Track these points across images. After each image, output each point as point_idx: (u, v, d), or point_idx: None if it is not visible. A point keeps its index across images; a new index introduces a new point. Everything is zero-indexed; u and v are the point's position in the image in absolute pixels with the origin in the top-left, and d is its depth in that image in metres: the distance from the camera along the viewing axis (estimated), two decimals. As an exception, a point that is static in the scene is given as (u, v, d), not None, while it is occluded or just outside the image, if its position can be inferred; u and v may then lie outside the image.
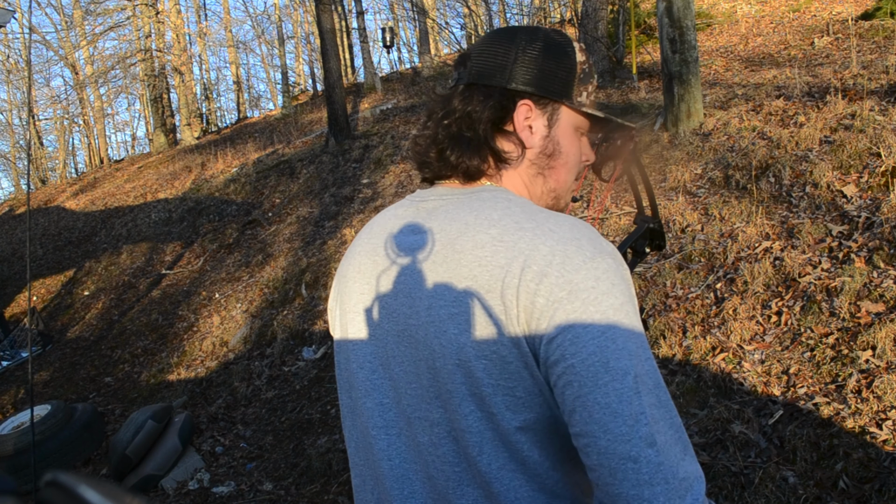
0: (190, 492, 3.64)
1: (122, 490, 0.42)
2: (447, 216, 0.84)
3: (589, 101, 0.92)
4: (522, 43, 0.89)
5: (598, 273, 0.73)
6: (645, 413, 0.69)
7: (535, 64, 0.88)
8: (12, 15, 6.74)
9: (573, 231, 0.77)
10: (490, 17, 12.66)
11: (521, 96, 0.88)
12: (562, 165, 0.91)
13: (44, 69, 23.88)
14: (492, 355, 0.75)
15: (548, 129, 0.90)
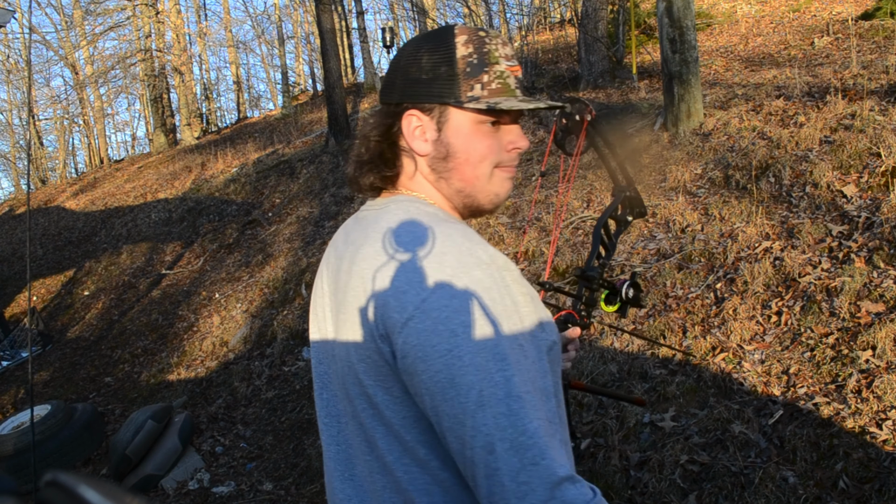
0: (190, 492, 3.64)
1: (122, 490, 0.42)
2: (357, 229, 0.93)
3: (488, 92, 0.89)
4: (401, 55, 0.93)
5: (453, 291, 0.76)
6: (487, 424, 0.74)
7: (409, 73, 0.91)
8: (12, 15, 6.74)
9: (443, 246, 0.80)
10: (490, 17, 12.66)
11: (406, 108, 0.91)
12: (461, 164, 0.92)
13: (44, 69, 23.88)
14: (367, 359, 0.83)
15: (437, 134, 0.91)
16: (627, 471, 2.58)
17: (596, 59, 8.53)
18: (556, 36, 12.89)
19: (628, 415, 2.84)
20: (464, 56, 0.89)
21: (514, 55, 0.94)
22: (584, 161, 5.99)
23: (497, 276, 0.79)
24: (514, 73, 0.92)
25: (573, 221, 4.83)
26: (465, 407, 0.75)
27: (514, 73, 0.92)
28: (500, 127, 0.93)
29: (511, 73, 0.91)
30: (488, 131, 0.91)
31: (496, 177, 0.94)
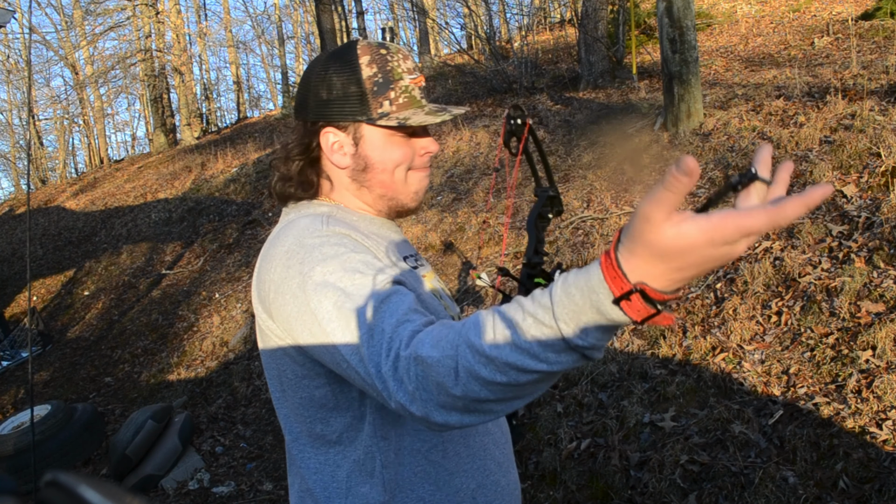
0: (190, 492, 3.64)
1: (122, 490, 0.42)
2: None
3: (396, 107, 0.97)
4: (310, 75, 1.00)
5: (287, 262, 0.88)
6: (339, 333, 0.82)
7: (320, 94, 0.97)
8: (12, 15, 6.74)
9: (286, 242, 0.91)
10: (490, 16, 12.65)
11: (322, 126, 0.99)
12: (380, 173, 1.00)
13: (44, 69, 23.88)
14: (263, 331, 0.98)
15: (354, 148, 0.99)
16: (627, 471, 2.58)
17: (596, 59, 8.53)
18: (556, 36, 12.88)
19: (628, 415, 2.85)
20: (369, 76, 0.96)
21: (416, 67, 1.02)
22: (584, 161, 5.99)
23: (329, 239, 0.88)
24: (418, 84, 1.00)
25: (573, 221, 4.83)
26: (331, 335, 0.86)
27: (418, 85, 1.00)
28: (413, 137, 1.02)
29: (415, 86, 0.99)
30: (401, 141, 1.00)
31: (411, 178, 1.03)
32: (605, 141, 6.18)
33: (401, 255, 1.03)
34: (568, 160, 6.23)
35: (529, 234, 1.49)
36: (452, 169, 7.34)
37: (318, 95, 0.98)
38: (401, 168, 1.01)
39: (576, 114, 7.59)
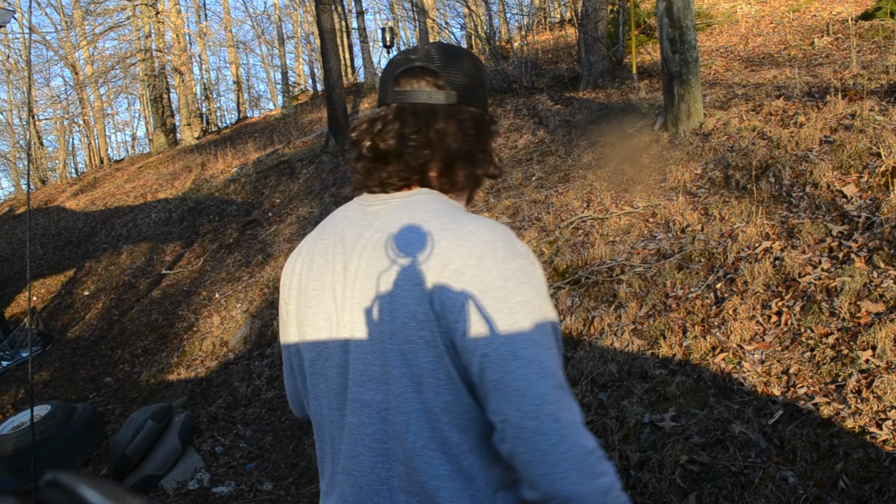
0: (190, 492, 3.64)
1: (122, 490, 0.42)
2: (388, 217, 0.94)
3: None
4: (471, 64, 1.03)
5: (507, 273, 0.84)
6: (549, 394, 0.82)
7: (472, 79, 1.02)
8: (12, 15, 6.74)
9: (490, 234, 0.88)
10: (490, 16, 12.65)
11: (477, 108, 1.04)
12: (486, 164, 1.07)
13: (44, 69, 23.87)
14: (419, 340, 0.86)
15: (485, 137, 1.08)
16: (627, 471, 2.58)
17: (596, 59, 8.53)
18: (556, 36, 12.88)
19: (628, 415, 2.85)
20: (488, 80, 1.06)
21: None
22: (584, 161, 5.99)
23: (532, 266, 0.88)
24: None
25: (573, 221, 4.83)
26: (527, 378, 0.82)
27: None
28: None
29: None
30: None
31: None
32: (605, 141, 6.18)
33: None
34: (568, 160, 6.23)
35: None
36: (452, 169, 7.33)
37: (473, 80, 1.03)
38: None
39: (576, 114, 7.59)
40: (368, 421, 0.91)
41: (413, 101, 0.98)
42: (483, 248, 0.86)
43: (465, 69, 1.01)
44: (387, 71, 1.03)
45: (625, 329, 3.43)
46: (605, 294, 3.81)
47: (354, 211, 1.01)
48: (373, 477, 0.91)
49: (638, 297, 3.64)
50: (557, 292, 4.03)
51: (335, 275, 0.96)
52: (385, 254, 0.90)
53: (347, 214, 1.01)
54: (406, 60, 1.00)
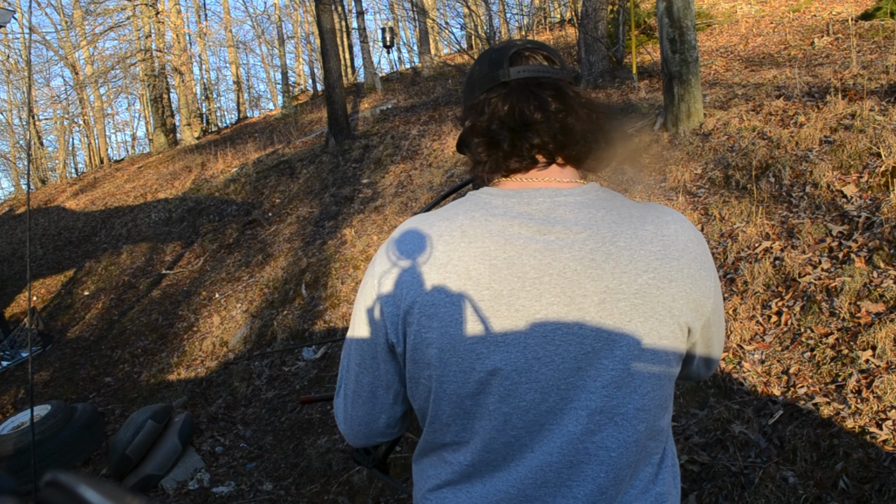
0: (190, 492, 3.64)
1: (122, 490, 0.42)
2: (583, 216, 0.88)
3: None
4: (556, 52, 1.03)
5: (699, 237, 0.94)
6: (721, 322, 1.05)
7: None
8: (12, 15, 6.74)
9: (673, 213, 0.94)
10: (490, 16, 12.65)
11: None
12: None
13: (44, 69, 23.87)
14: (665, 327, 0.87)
15: None
16: (627, 471, 2.58)
17: (596, 59, 8.53)
18: (556, 36, 12.88)
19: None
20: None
21: None
22: (584, 161, 5.99)
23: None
24: None
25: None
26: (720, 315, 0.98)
27: None
28: None
29: None
30: None
31: None
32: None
33: None
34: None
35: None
36: (453, 169, 7.34)
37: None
38: None
39: (576, 114, 7.58)
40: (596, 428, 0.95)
41: (539, 75, 0.94)
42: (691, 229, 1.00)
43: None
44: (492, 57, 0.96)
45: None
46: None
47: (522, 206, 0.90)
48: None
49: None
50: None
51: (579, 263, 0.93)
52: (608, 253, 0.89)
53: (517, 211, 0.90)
54: (512, 45, 0.97)
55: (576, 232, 0.86)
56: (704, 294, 0.90)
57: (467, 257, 0.86)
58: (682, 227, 0.91)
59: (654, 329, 0.85)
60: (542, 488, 0.89)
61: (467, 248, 0.87)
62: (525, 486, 0.89)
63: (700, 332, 0.94)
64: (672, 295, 0.86)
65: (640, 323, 0.84)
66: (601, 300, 0.84)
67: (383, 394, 0.97)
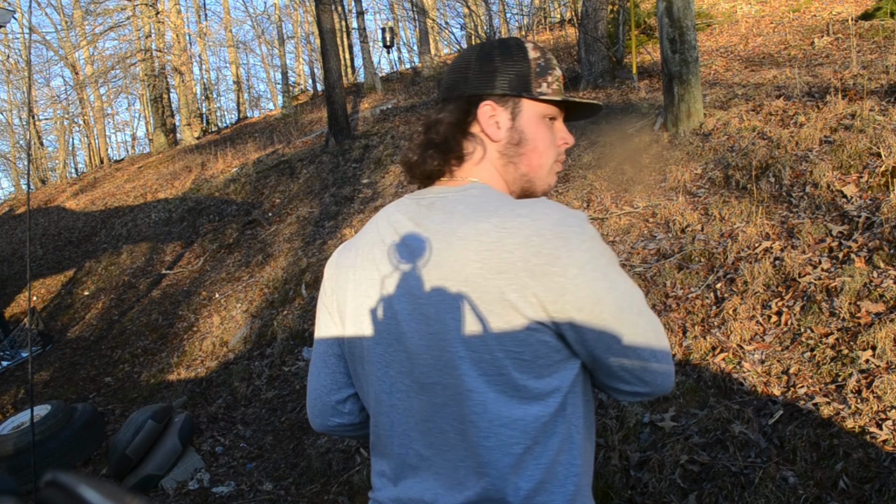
0: (190, 492, 3.64)
1: (122, 490, 0.42)
2: (445, 209, 0.97)
3: (551, 90, 1.04)
4: (471, 57, 1.06)
5: (590, 244, 0.89)
6: (651, 324, 0.93)
7: (484, 70, 1.03)
8: (12, 15, 6.74)
9: (559, 212, 0.90)
10: (490, 16, 12.65)
11: (482, 99, 1.03)
12: (531, 151, 1.04)
13: (44, 69, 23.88)
14: (502, 324, 0.88)
15: (511, 122, 1.03)
16: (627, 471, 2.58)
17: (596, 59, 8.53)
18: (556, 36, 12.88)
19: (628, 415, 2.85)
20: (535, 59, 1.04)
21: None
22: (584, 161, 5.99)
23: (592, 226, 0.92)
24: (561, 79, 1.08)
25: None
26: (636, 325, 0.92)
27: (561, 80, 1.08)
28: (553, 124, 1.08)
29: (560, 80, 1.08)
30: (548, 125, 1.06)
31: (553, 170, 1.08)
32: (605, 141, 6.18)
33: None
34: (568, 160, 6.23)
35: None
36: (452, 169, 7.33)
37: (482, 71, 1.03)
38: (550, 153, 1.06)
39: (576, 114, 7.58)
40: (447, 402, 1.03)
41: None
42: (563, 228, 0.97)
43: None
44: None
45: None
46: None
47: (406, 205, 1.06)
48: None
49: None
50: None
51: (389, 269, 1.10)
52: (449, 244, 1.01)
53: (400, 208, 1.07)
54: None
55: (434, 225, 0.95)
56: (555, 292, 0.86)
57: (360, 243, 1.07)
58: (533, 221, 0.88)
59: (483, 318, 0.88)
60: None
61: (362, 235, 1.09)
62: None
63: (572, 334, 0.89)
64: (501, 286, 0.87)
65: (468, 312, 0.89)
66: (437, 287, 0.91)
67: (335, 362, 1.09)
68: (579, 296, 0.87)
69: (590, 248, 0.88)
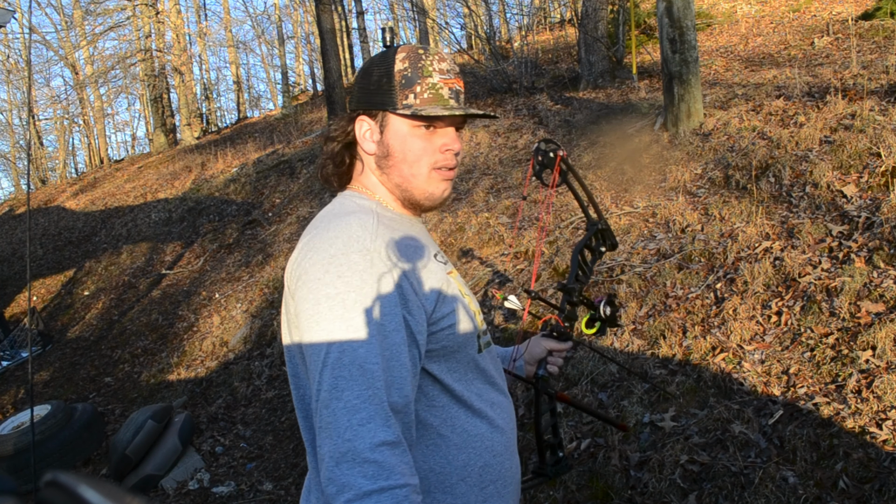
0: (190, 492, 3.64)
1: (122, 490, 0.42)
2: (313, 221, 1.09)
3: (420, 101, 1.04)
4: (360, 70, 1.12)
5: (328, 266, 0.92)
6: (325, 382, 0.88)
7: (361, 85, 1.09)
8: (12, 15, 6.74)
9: (339, 230, 0.97)
10: (490, 16, 12.64)
11: (359, 114, 1.09)
12: (398, 163, 1.07)
13: (44, 69, 23.88)
14: (287, 338, 1.03)
15: (380, 136, 1.08)
16: (627, 471, 2.58)
17: (596, 59, 8.53)
18: (556, 36, 12.88)
19: (628, 415, 2.85)
20: (400, 70, 1.05)
21: (453, 70, 1.08)
22: (584, 161, 5.99)
23: (365, 261, 0.94)
24: (450, 85, 1.07)
25: (573, 221, 4.83)
26: (315, 363, 0.90)
27: (450, 85, 1.07)
28: (435, 131, 1.07)
29: (445, 86, 1.06)
30: (423, 134, 1.06)
31: (433, 178, 1.08)
32: (605, 141, 6.18)
33: (432, 253, 1.09)
34: (568, 160, 6.22)
35: (572, 263, 1.49)
36: (452, 169, 7.33)
37: (359, 87, 1.09)
38: (422, 163, 1.07)
39: (576, 114, 7.59)
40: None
41: None
42: (320, 242, 1.03)
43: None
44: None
45: (625, 329, 3.43)
46: (605, 294, 3.81)
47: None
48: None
49: (638, 297, 3.64)
50: (557, 292, 4.03)
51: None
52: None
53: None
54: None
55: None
56: (290, 318, 0.98)
57: None
58: (309, 244, 0.99)
59: (288, 328, 1.01)
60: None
61: None
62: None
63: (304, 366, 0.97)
64: (288, 298, 1.00)
65: (285, 322, 1.02)
66: (283, 294, 1.04)
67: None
68: (300, 327, 0.93)
69: (318, 287, 0.91)
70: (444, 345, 1.02)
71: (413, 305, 0.95)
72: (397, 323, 0.92)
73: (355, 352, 0.87)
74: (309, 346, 0.91)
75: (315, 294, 0.91)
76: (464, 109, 1.06)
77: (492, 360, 1.15)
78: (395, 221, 1.07)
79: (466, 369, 1.07)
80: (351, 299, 0.90)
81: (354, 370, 0.87)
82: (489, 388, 1.11)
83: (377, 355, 0.88)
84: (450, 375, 1.04)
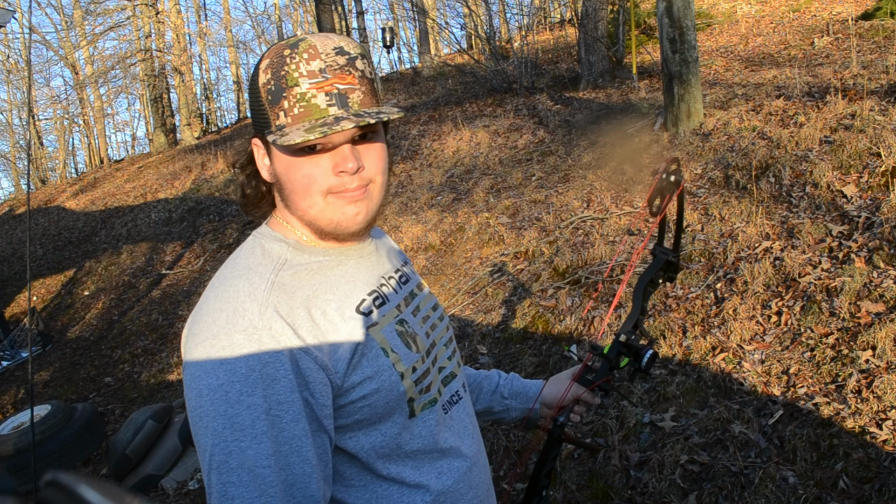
0: (190, 492, 3.64)
1: (122, 490, 0.42)
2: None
3: (291, 118, 0.83)
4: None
5: (210, 350, 0.78)
6: (213, 486, 0.76)
7: (250, 103, 0.90)
8: (12, 15, 6.74)
9: (225, 301, 0.82)
10: (490, 16, 12.64)
11: (254, 136, 0.92)
12: (290, 194, 0.88)
13: (44, 69, 23.89)
14: None
15: (269, 163, 0.90)
16: (627, 471, 2.58)
17: (596, 59, 8.53)
18: (556, 36, 12.89)
19: (628, 415, 2.85)
20: (264, 84, 0.84)
21: (332, 67, 0.82)
22: (584, 161, 5.99)
23: (248, 344, 0.78)
24: (326, 88, 0.82)
25: (573, 221, 4.83)
26: (202, 462, 0.78)
27: (326, 89, 0.82)
28: (321, 153, 0.84)
29: (319, 91, 0.82)
30: (305, 160, 0.84)
31: (332, 204, 0.87)
32: (605, 141, 6.18)
33: (354, 303, 0.89)
34: (568, 160, 6.23)
35: (634, 302, 1.26)
36: (452, 169, 7.34)
37: (249, 103, 0.91)
38: (312, 192, 0.86)
39: (576, 114, 7.59)
40: None
41: None
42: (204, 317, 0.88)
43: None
44: None
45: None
46: (606, 294, 3.81)
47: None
48: None
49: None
50: (557, 292, 4.03)
51: None
52: None
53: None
54: None
55: None
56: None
57: None
58: (193, 313, 0.85)
59: None
60: None
61: None
62: None
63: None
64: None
65: None
66: None
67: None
68: (188, 414, 0.81)
69: (200, 376, 0.78)
70: (357, 419, 0.86)
71: (316, 384, 0.80)
72: (295, 412, 0.78)
73: (243, 454, 0.75)
74: (196, 443, 0.79)
75: (197, 384, 0.77)
76: (354, 121, 0.80)
77: (440, 421, 0.95)
78: (310, 267, 0.89)
79: (397, 440, 0.90)
80: (235, 391, 0.76)
81: (244, 475, 0.75)
82: (433, 457, 0.94)
83: (268, 456, 0.76)
84: (372, 452, 0.88)
